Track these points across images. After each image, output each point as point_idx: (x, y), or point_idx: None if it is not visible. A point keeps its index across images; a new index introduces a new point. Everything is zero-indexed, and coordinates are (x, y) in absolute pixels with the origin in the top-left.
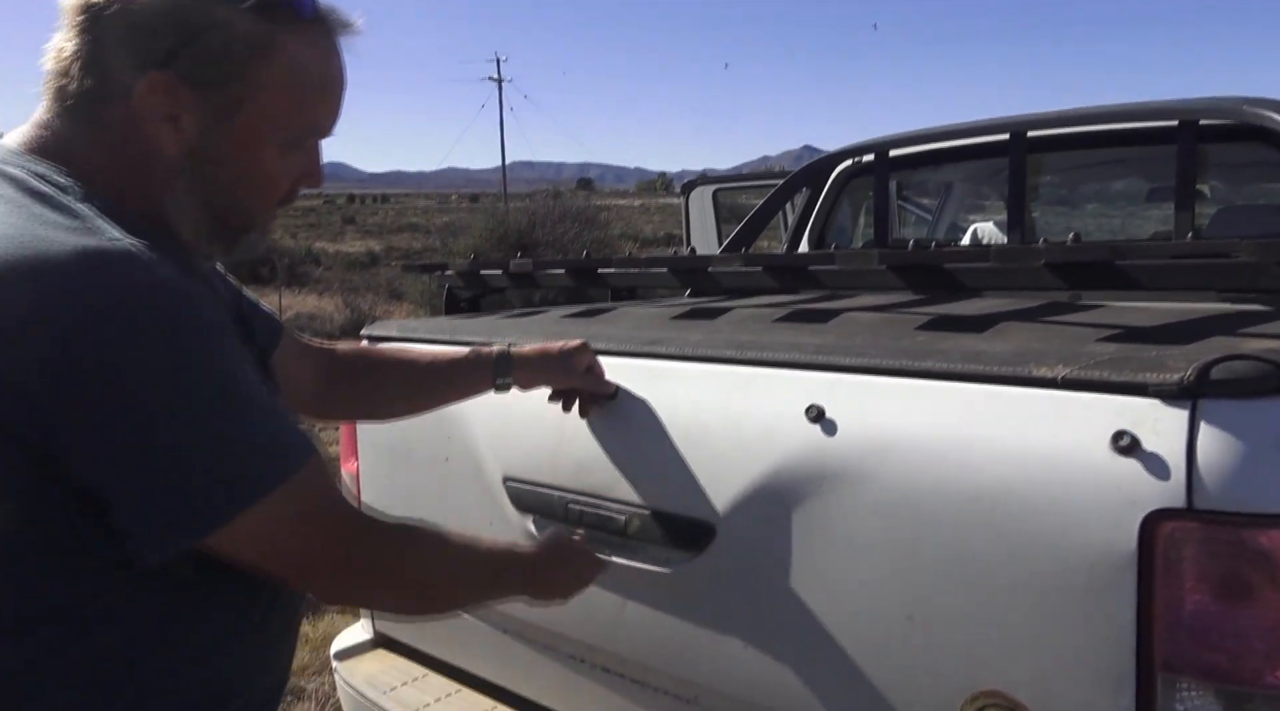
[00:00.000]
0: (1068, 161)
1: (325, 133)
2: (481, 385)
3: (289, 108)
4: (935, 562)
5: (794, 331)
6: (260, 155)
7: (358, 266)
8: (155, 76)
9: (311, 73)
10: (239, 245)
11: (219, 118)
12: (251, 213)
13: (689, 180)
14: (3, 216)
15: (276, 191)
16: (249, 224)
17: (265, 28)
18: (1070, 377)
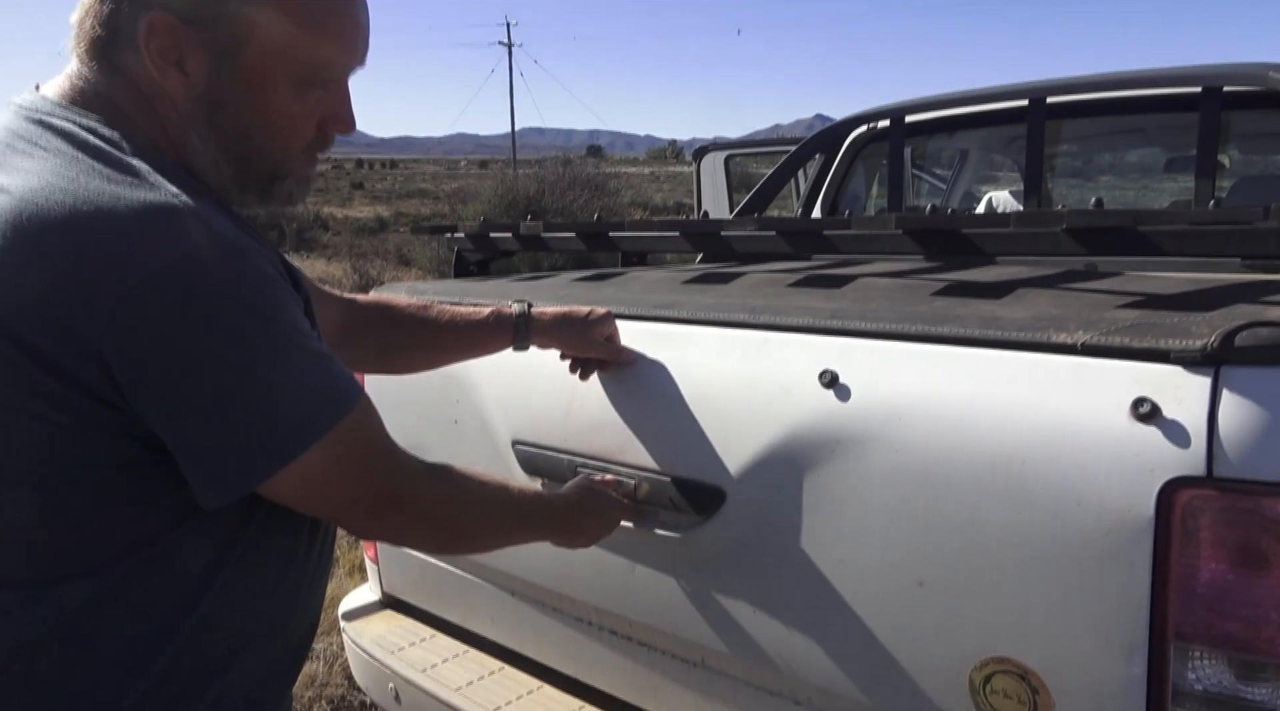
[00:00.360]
0: (1086, 129)
1: (346, 71)
2: (500, 344)
3: (296, 42)
4: (949, 529)
5: (808, 296)
6: (274, 96)
7: (366, 232)
8: (153, 17)
9: (317, 7)
10: (273, 194)
11: (224, 57)
12: (276, 159)
13: (701, 146)
14: (60, 171)
15: (299, 136)
16: (277, 171)
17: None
18: (1090, 344)
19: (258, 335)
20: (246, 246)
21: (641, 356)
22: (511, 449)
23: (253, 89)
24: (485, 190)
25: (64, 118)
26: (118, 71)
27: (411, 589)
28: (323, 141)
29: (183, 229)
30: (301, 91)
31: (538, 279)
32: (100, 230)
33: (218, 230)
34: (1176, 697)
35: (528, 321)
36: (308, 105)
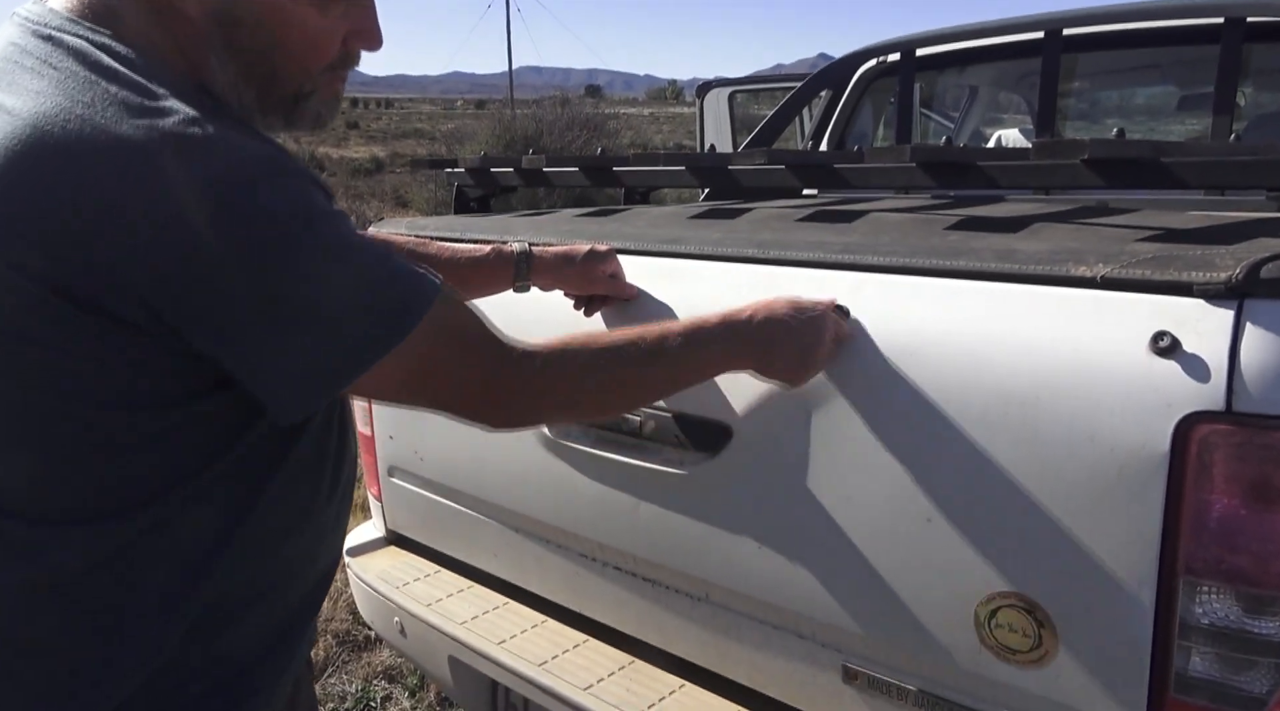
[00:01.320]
0: (1100, 65)
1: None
2: (501, 284)
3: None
4: (959, 465)
5: (818, 231)
6: (292, 12)
7: (362, 173)
8: None
9: None
10: (298, 116)
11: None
12: (299, 79)
13: (704, 83)
14: (75, 94)
15: (322, 54)
16: (301, 91)
17: None
18: (1110, 276)
19: (316, 242)
20: (282, 160)
21: (646, 293)
22: None
23: (271, 4)
24: (482, 130)
25: (75, 33)
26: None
27: (415, 525)
28: (348, 58)
29: (213, 152)
30: (323, 5)
31: (540, 215)
32: (129, 152)
33: (249, 150)
34: (1184, 631)
35: (528, 260)
36: (330, 21)
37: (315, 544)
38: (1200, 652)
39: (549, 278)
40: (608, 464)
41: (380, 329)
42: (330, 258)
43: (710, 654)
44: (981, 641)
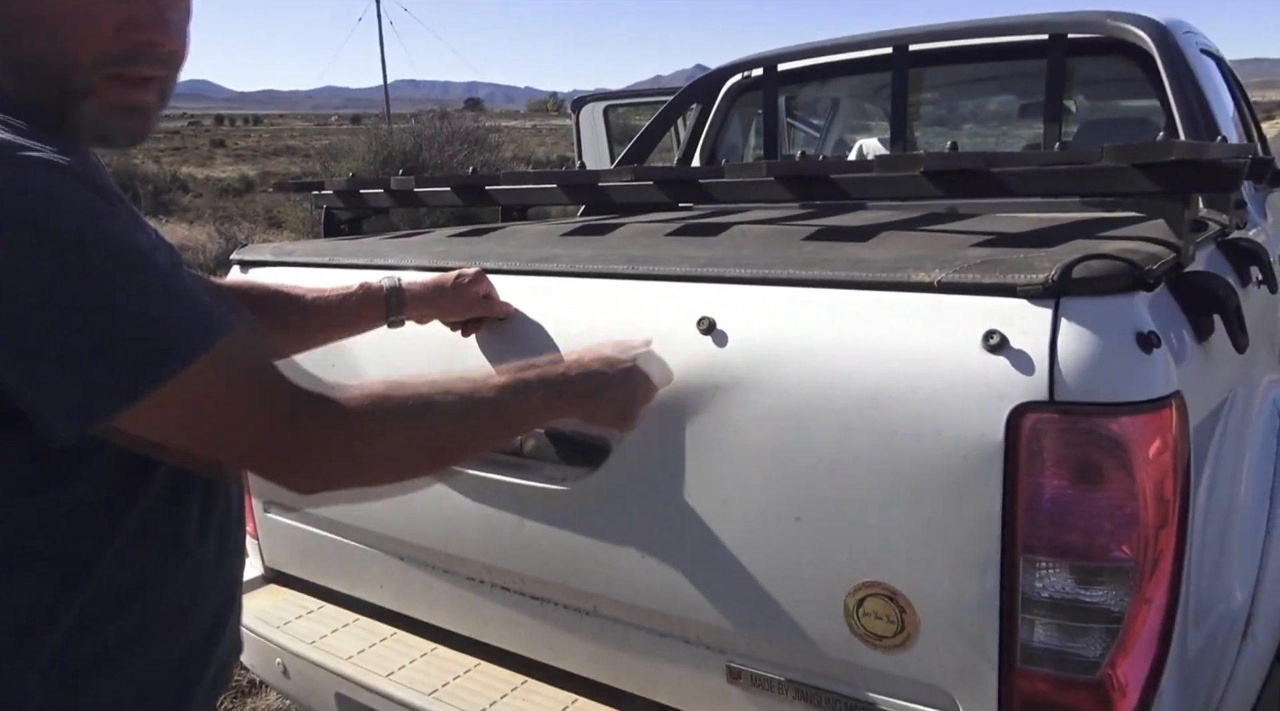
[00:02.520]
0: (947, 77)
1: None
2: (373, 322)
3: None
4: (822, 464)
5: (685, 245)
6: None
7: (231, 193)
8: None
9: None
10: (76, 121)
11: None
12: (59, 65)
13: (580, 97)
14: None
15: (80, 32)
16: (68, 86)
17: None
18: (945, 281)
19: (86, 252)
20: (63, 162)
21: (521, 311)
22: None
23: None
24: (359, 146)
25: None
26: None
27: (295, 561)
28: (130, 55)
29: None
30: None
31: (411, 236)
32: None
33: (24, 149)
34: (1026, 605)
35: (399, 295)
36: (101, 5)
37: (195, 584)
38: (1042, 624)
39: (422, 309)
40: (490, 484)
41: (181, 340)
42: (133, 269)
43: (601, 666)
44: (851, 630)
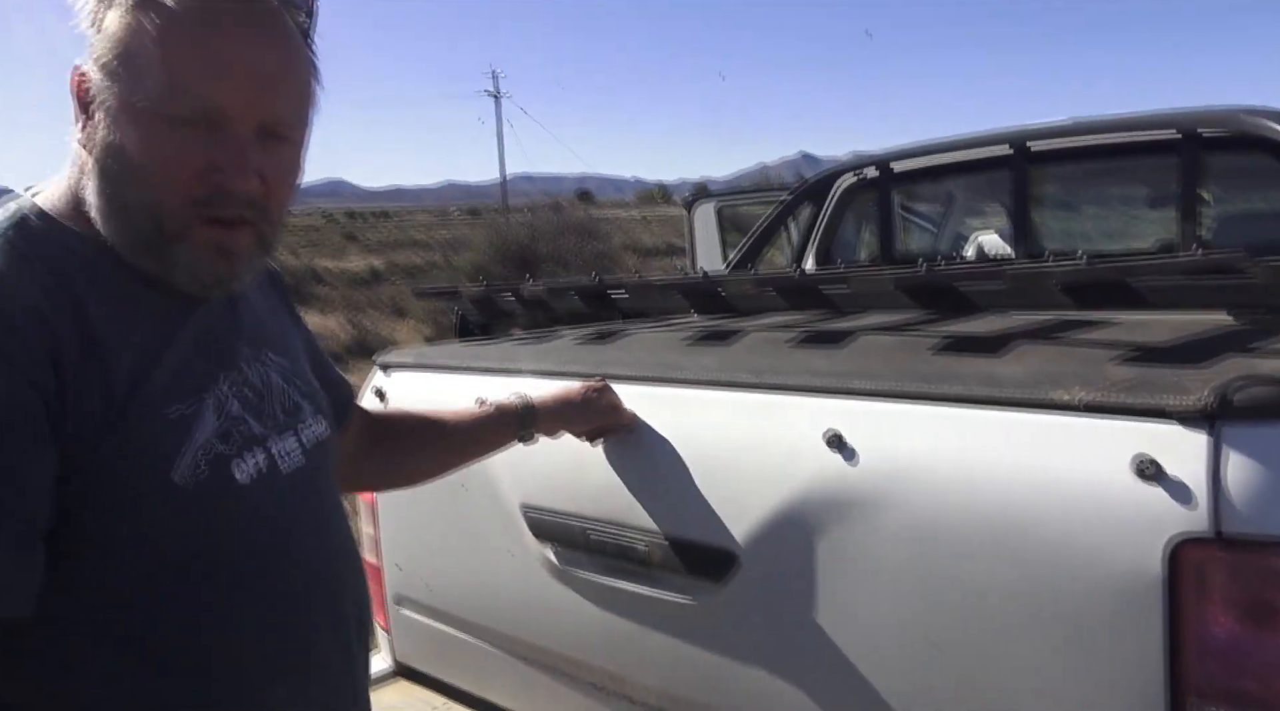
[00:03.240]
0: (1068, 171)
1: (214, 109)
2: (506, 439)
3: (158, 66)
4: (961, 591)
5: (809, 355)
6: (144, 128)
7: (360, 283)
8: (75, 65)
9: (173, 24)
10: (173, 261)
11: (107, 93)
12: (151, 207)
13: (692, 196)
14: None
15: (173, 179)
16: (162, 226)
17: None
18: (1089, 402)
19: None
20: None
21: (647, 420)
22: (520, 513)
23: (124, 123)
24: (478, 238)
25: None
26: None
27: (424, 657)
28: (212, 197)
29: None
30: (174, 129)
31: (542, 339)
32: None
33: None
34: None
35: (532, 412)
36: (185, 147)
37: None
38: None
39: (552, 423)
40: (615, 592)
41: None
42: None
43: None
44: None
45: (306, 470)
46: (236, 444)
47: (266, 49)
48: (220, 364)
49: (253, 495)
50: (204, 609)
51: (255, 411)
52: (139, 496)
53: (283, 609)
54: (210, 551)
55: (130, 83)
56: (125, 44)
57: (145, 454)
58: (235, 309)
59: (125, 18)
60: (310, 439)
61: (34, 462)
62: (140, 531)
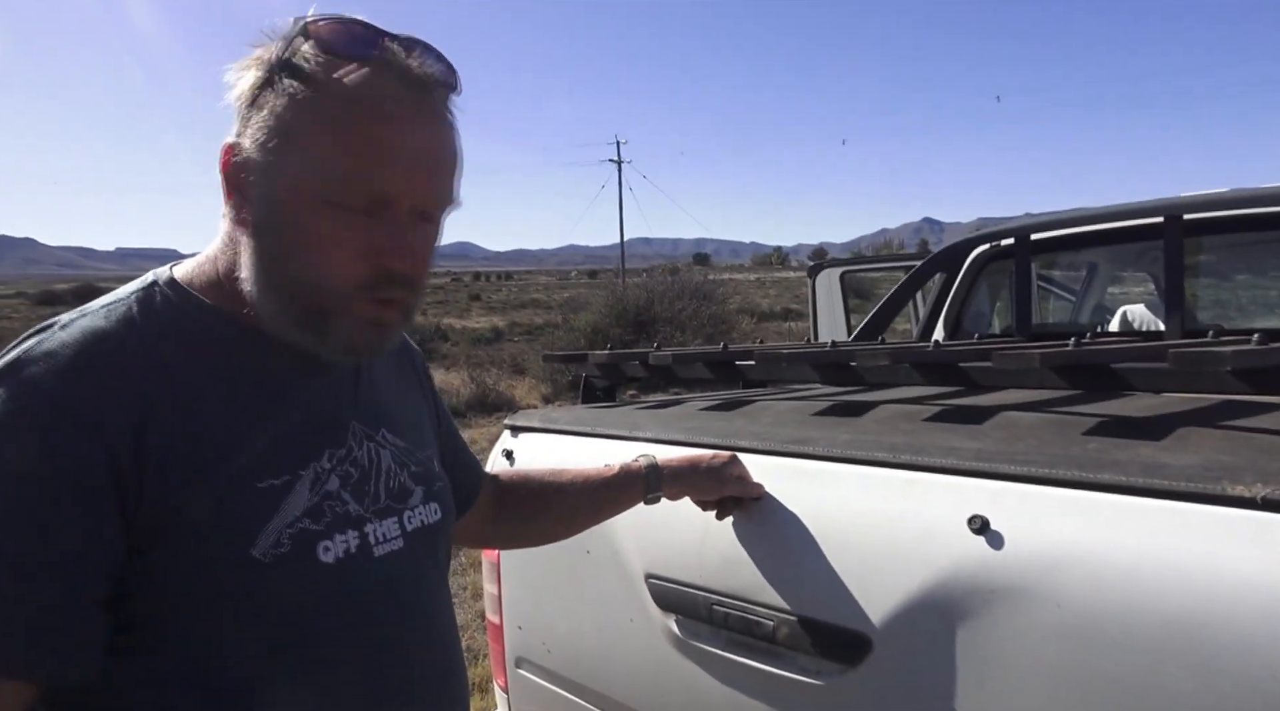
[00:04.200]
0: (1223, 241)
1: (381, 195)
2: (632, 500)
3: (325, 156)
4: (1124, 694)
5: (949, 433)
6: (308, 213)
7: (483, 342)
8: (226, 144)
9: (344, 114)
10: (327, 336)
11: (269, 177)
12: (317, 289)
13: (815, 263)
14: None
15: (342, 267)
16: (324, 307)
17: (297, 68)
18: (1271, 498)
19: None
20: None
21: (776, 494)
22: (645, 582)
23: (287, 203)
24: (596, 300)
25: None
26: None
27: None
28: (379, 281)
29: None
30: (339, 215)
31: (666, 406)
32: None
33: (44, 395)
34: None
35: (658, 474)
36: (350, 232)
37: None
38: None
39: (677, 488)
40: (739, 668)
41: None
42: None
43: None
44: None
45: (404, 554)
46: (328, 522)
47: (431, 137)
48: (328, 439)
49: (337, 576)
50: (272, 687)
51: (356, 490)
52: (216, 567)
53: (365, 696)
54: (287, 629)
55: (295, 166)
56: (291, 127)
57: (227, 524)
58: (357, 384)
59: (293, 101)
60: (415, 523)
61: (101, 527)
62: (216, 604)
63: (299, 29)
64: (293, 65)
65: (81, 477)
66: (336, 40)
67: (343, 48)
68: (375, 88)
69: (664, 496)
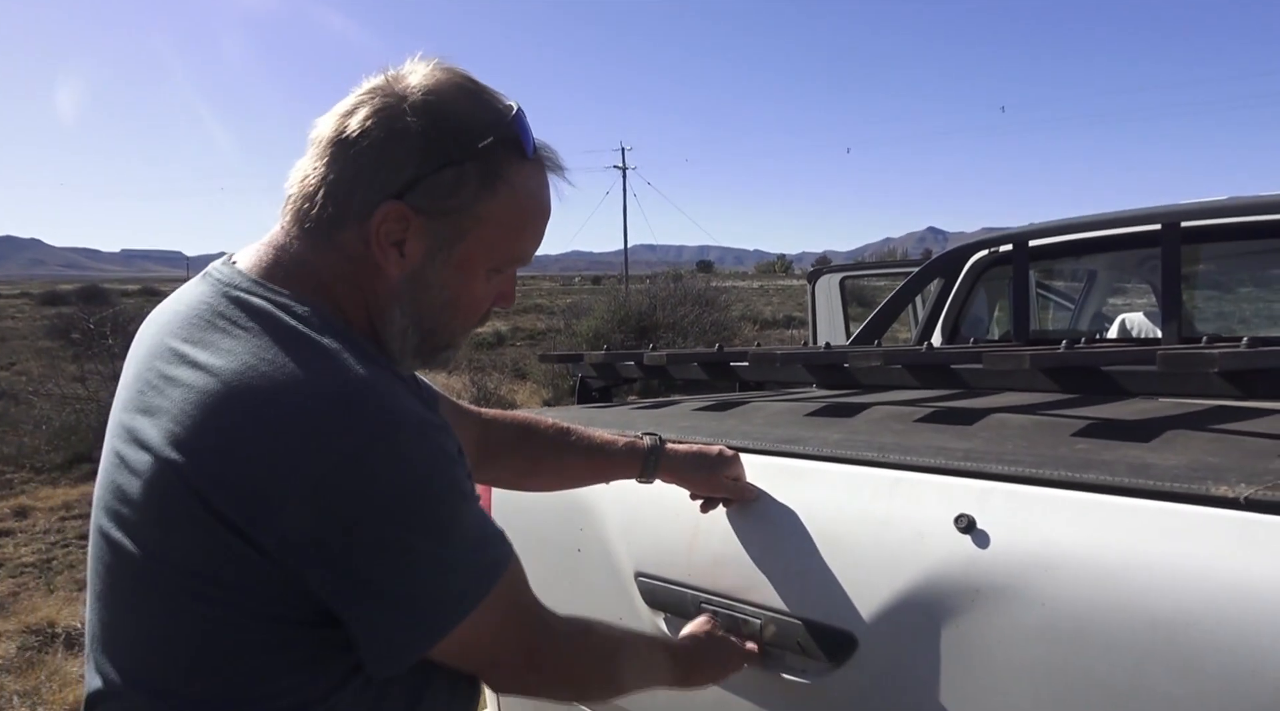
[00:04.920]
0: (1223, 250)
1: (528, 260)
2: (628, 474)
3: (505, 239)
4: (1108, 695)
5: (939, 433)
6: (472, 281)
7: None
8: (391, 206)
9: (528, 208)
10: (436, 360)
11: (443, 246)
12: (455, 332)
13: (815, 268)
14: (258, 352)
15: (479, 313)
16: (450, 342)
17: (494, 165)
18: (1256, 498)
19: (431, 516)
20: (426, 424)
21: (767, 493)
22: (634, 580)
23: (460, 273)
24: (599, 306)
25: (261, 296)
26: (334, 246)
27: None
28: (487, 316)
29: (367, 410)
30: (493, 276)
31: (660, 406)
32: (295, 411)
33: (402, 408)
34: None
35: (658, 456)
36: (492, 287)
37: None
38: None
39: (675, 476)
40: None
41: (478, 583)
42: (456, 516)
43: None
44: None
45: None
46: None
47: (551, 204)
48: None
49: None
50: None
51: None
52: None
53: None
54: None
55: (478, 243)
56: (483, 214)
57: None
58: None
59: (488, 192)
60: None
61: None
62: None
63: (493, 120)
64: (491, 158)
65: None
66: (527, 142)
67: (530, 149)
68: (541, 186)
69: (659, 479)
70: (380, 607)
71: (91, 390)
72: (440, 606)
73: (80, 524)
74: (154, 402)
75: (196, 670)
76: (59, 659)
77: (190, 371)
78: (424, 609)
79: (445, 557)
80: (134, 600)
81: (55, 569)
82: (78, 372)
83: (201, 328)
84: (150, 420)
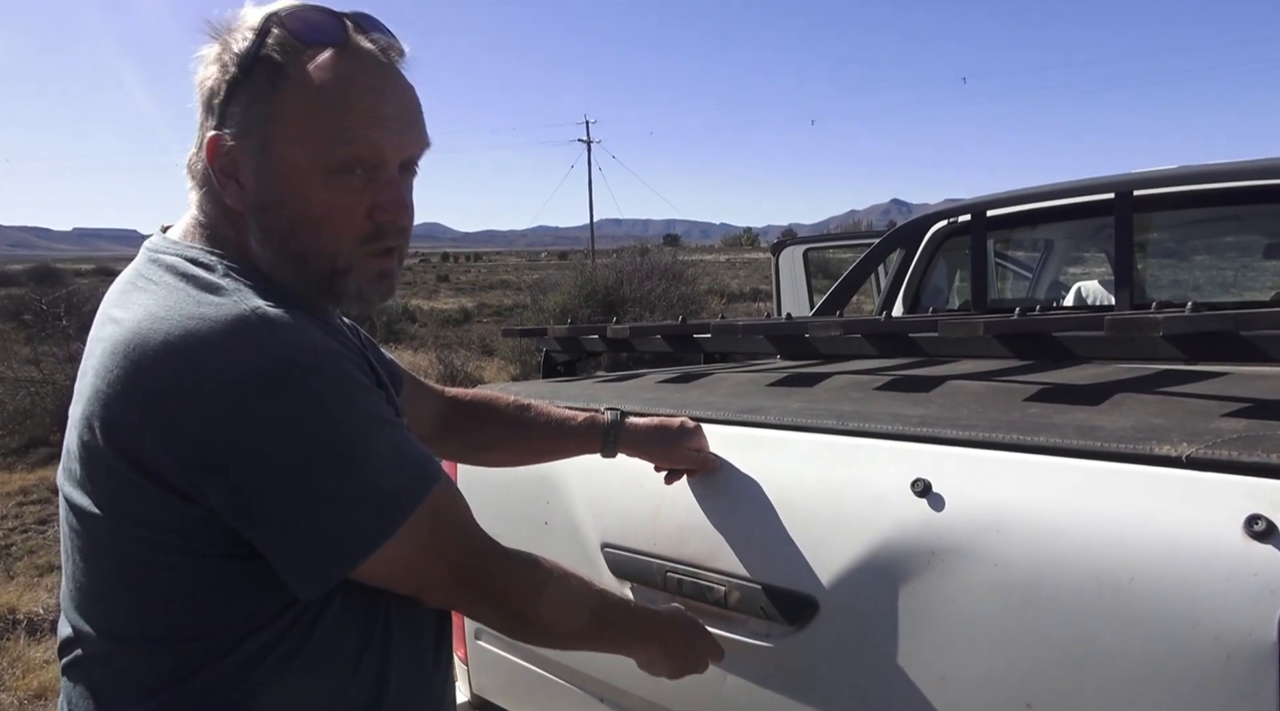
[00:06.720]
0: (1177, 218)
1: (379, 156)
2: (589, 449)
3: (314, 131)
4: (1055, 649)
5: (896, 401)
6: (306, 186)
7: (451, 323)
8: (209, 138)
9: (326, 93)
10: (340, 293)
11: (261, 158)
12: (328, 253)
13: (779, 240)
14: (161, 300)
15: (345, 227)
16: (335, 266)
17: (275, 65)
18: (1197, 457)
19: (330, 437)
20: (327, 350)
21: (729, 463)
22: (601, 551)
23: (287, 182)
24: (565, 281)
25: (173, 252)
26: (211, 196)
27: (501, 691)
28: (379, 232)
29: (260, 338)
30: (336, 180)
31: (624, 379)
32: (187, 348)
33: (296, 337)
34: None
35: (618, 430)
36: (349, 195)
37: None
38: None
39: (636, 448)
40: None
41: (397, 503)
42: (365, 437)
43: None
44: None
45: None
46: None
47: (405, 97)
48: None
49: None
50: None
51: None
52: None
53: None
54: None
55: (294, 149)
56: (281, 115)
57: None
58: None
59: (276, 92)
60: None
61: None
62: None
63: (264, 24)
64: (269, 60)
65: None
66: (305, 31)
67: (312, 36)
68: (352, 67)
69: (621, 453)
70: (285, 528)
71: (46, 373)
72: (354, 526)
73: (39, 509)
74: (87, 364)
75: (139, 610)
76: (21, 645)
77: (110, 328)
78: (334, 529)
79: (355, 478)
80: (85, 548)
81: (15, 555)
82: (31, 355)
83: (127, 291)
84: (82, 380)
